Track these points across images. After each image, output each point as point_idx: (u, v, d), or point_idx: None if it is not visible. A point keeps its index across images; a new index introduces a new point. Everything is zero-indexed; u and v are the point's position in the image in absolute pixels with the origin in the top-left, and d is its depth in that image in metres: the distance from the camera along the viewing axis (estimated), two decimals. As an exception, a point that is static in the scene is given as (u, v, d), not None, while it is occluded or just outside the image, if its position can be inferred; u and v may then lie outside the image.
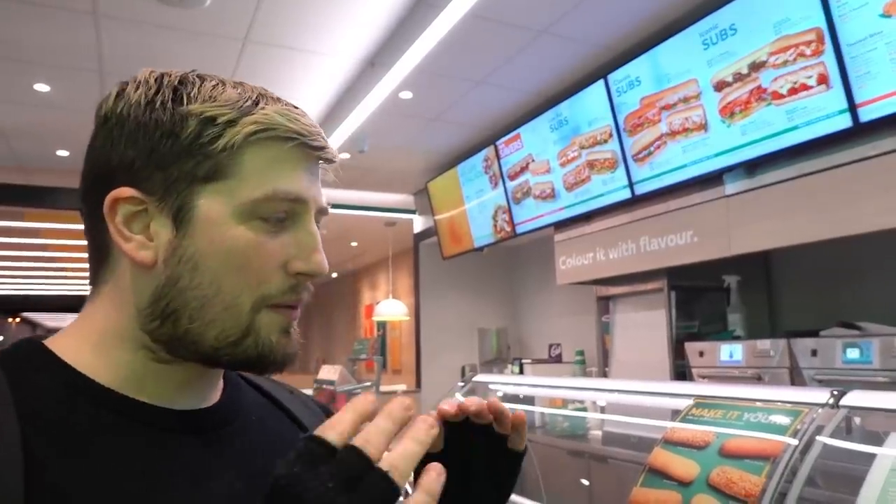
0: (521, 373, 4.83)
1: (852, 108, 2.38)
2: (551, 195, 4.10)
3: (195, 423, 0.58)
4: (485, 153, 4.71)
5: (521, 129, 4.26)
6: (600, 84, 3.50)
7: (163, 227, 0.55)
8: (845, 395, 1.22)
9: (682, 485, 1.27)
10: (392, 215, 6.57)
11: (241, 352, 0.56)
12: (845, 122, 2.41)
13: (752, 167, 2.86)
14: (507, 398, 2.52)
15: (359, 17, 3.21)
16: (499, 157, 4.54)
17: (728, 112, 2.85)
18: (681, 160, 3.13)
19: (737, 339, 3.13)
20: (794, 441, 1.19)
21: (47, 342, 0.57)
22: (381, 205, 6.48)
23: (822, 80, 2.46)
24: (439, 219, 5.56)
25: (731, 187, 2.99)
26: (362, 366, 5.98)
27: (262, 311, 0.56)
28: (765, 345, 2.83)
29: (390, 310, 6.92)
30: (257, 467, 0.58)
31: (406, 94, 4.05)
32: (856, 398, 1.21)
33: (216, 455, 0.58)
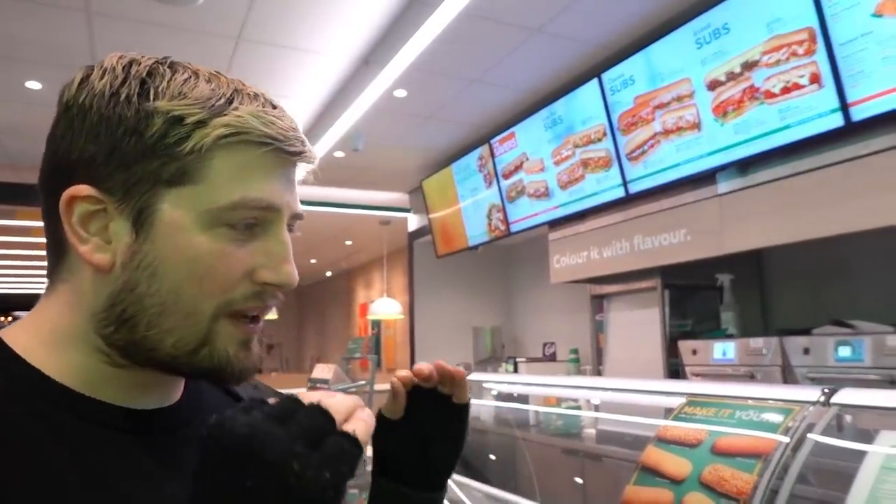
0: (516, 371, 4.83)
1: (844, 107, 2.39)
2: (545, 194, 4.11)
3: (150, 424, 0.56)
4: (479, 152, 4.72)
5: (516, 128, 4.27)
6: (594, 83, 3.51)
7: (122, 230, 0.52)
8: (836, 392, 1.23)
9: (675, 483, 1.28)
10: (386, 214, 6.57)
11: (197, 361, 0.54)
12: (837, 121, 2.43)
13: (745, 166, 2.88)
14: (502, 397, 2.52)
15: (353, 15, 3.21)
16: (493, 156, 4.54)
17: (721, 111, 2.86)
18: (674, 159, 3.14)
19: (730, 337, 3.15)
20: (785, 439, 1.20)
21: (1, 332, 0.55)
22: (376, 203, 6.47)
23: (815, 79, 2.47)
24: (434, 217, 5.56)
25: (723, 186, 3.01)
26: (356, 364, 5.99)
27: (220, 321, 0.54)
28: (757, 343, 2.84)
29: (385, 308, 6.92)
30: None
31: (400, 93, 4.05)
32: (847, 396, 1.22)
33: (171, 456, 0.56)
